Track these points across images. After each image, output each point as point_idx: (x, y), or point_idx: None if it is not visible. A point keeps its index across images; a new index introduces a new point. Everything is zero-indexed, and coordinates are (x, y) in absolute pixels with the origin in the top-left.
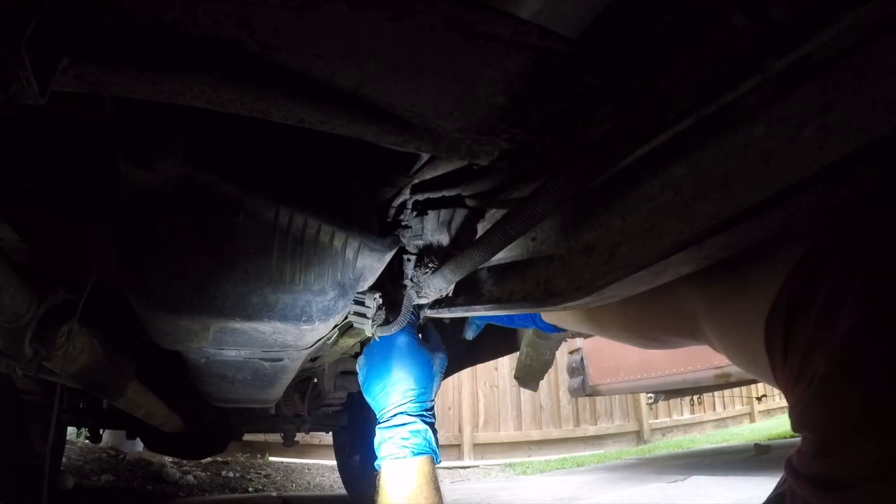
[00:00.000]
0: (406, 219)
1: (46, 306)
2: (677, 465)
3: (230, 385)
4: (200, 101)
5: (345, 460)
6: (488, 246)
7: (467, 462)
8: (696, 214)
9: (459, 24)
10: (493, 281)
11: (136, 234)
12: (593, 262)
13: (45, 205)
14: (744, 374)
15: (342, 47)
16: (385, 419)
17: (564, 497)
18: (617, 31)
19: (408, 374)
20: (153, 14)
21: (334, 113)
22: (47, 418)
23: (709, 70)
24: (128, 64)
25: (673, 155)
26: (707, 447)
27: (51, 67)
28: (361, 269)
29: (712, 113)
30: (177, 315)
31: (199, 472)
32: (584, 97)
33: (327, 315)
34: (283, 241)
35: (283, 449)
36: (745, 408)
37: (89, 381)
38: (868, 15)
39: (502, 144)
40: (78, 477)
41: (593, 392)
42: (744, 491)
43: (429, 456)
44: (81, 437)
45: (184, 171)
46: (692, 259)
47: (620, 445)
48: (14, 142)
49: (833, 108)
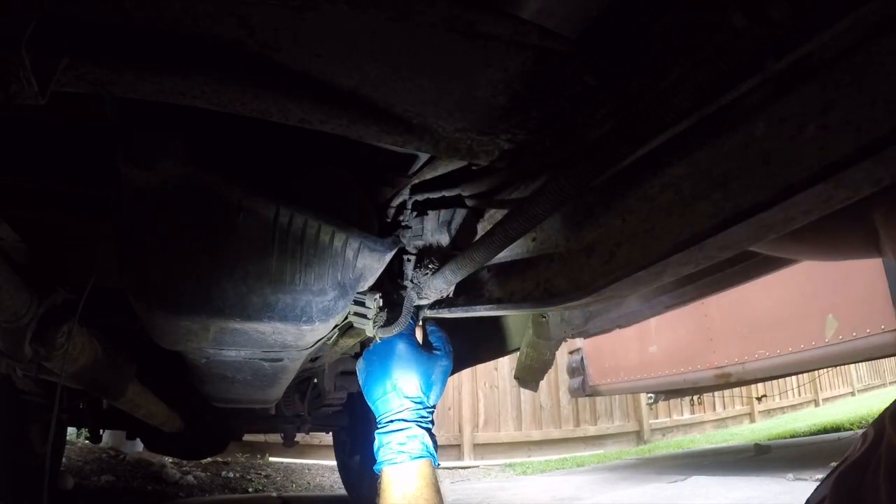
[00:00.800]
0: (406, 219)
1: (46, 306)
2: (677, 465)
3: (230, 385)
4: (200, 101)
5: (345, 460)
6: (489, 246)
7: (467, 462)
8: (696, 214)
9: (460, 24)
10: (493, 281)
11: (136, 234)
12: (593, 262)
13: (45, 205)
14: (744, 374)
15: (342, 47)
16: (383, 424)
17: (564, 497)
18: (617, 31)
19: (406, 379)
20: (153, 14)
21: (334, 113)
22: (47, 418)
23: (709, 70)
24: (128, 64)
25: (673, 155)
26: (707, 447)
27: (51, 67)
28: (361, 270)
29: (712, 113)
30: (177, 315)
31: (199, 473)
32: (584, 97)
33: (327, 315)
34: (283, 242)
35: (283, 449)
36: (745, 408)
37: (89, 381)
38: (868, 15)
39: (502, 144)
40: (78, 477)
41: (593, 392)
42: (744, 491)
43: (427, 459)
44: (81, 437)
45: (184, 171)
46: (692, 259)
47: (620, 445)
48: (14, 142)
49: (833, 108)
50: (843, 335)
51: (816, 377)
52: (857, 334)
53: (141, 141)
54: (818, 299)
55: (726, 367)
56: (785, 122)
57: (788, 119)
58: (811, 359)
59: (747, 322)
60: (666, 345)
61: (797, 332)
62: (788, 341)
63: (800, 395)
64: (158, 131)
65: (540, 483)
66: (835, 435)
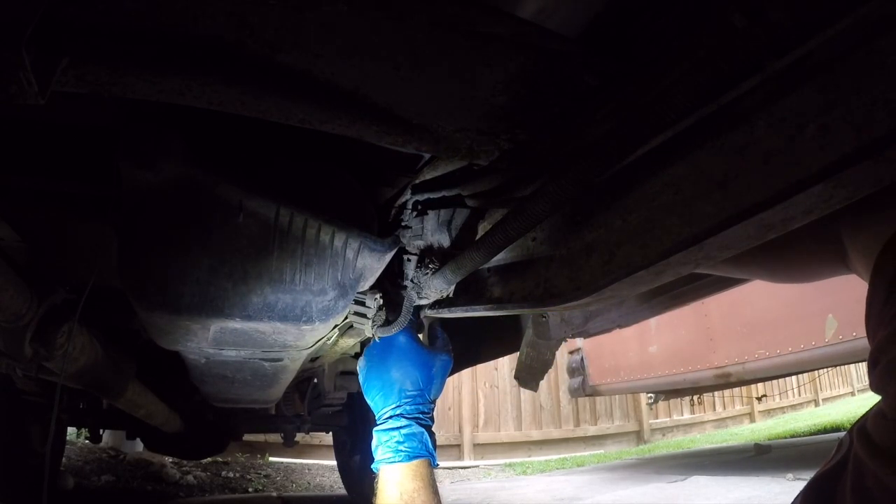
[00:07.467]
0: (406, 219)
1: (46, 306)
2: (677, 465)
3: (230, 385)
4: (201, 102)
5: (345, 460)
6: (489, 246)
7: (467, 462)
8: (696, 214)
9: (460, 24)
10: (493, 281)
11: (136, 234)
12: (593, 262)
13: (45, 205)
14: (744, 374)
15: (342, 47)
16: (382, 420)
17: (564, 497)
18: (617, 32)
19: (405, 375)
20: (153, 14)
21: (334, 113)
22: (47, 418)
23: (709, 70)
24: (128, 64)
25: (673, 155)
26: (707, 447)
27: (51, 67)
28: (361, 270)
29: (712, 113)
30: (177, 315)
31: (199, 473)
32: (584, 97)
33: (327, 315)
34: (283, 241)
35: (283, 449)
36: (745, 408)
37: (89, 381)
38: (868, 15)
39: (502, 144)
40: (78, 477)
41: (593, 392)
42: (744, 491)
43: (425, 459)
44: (81, 437)
45: (184, 171)
46: (692, 259)
47: (620, 445)
48: (14, 142)
49: (833, 108)
50: (843, 335)
51: (816, 377)
52: (857, 334)
53: (141, 141)
54: (818, 299)
55: (726, 367)
56: (785, 122)
57: (788, 119)
58: (811, 359)
59: (747, 322)
60: (666, 345)
61: (797, 332)
62: (788, 341)
63: (800, 395)
64: (158, 131)
65: (540, 483)
66: (835, 435)
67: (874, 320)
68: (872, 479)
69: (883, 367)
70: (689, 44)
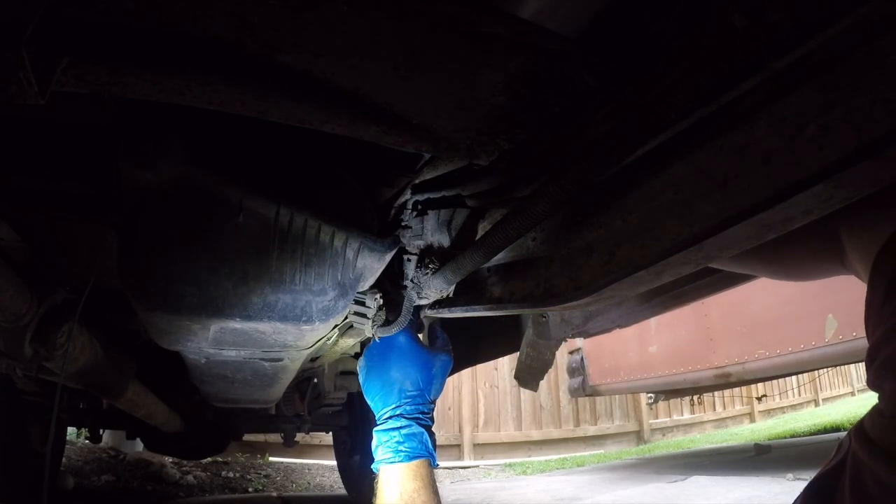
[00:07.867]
0: (406, 219)
1: (46, 306)
2: (677, 465)
3: (230, 385)
4: (201, 102)
5: (345, 460)
6: (489, 246)
7: (467, 462)
8: (696, 214)
9: (460, 24)
10: (493, 281)
11: (136, 234)
12: (593, 262)
13: (45, 205)
14: (744, 374)
15: (342, 47)
16: (382, 420)
17: (564, 497)
18: (617, 32)
19: (405, 375)
20: (153, 14)
21: (334, 113)
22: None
23: (709, 70)
24: (128, 64)
25: (673, 155)
26: (707, 447)
27: (51, 67)
28: (361, 270)
29: (712, 113)
30: (177, 315)
31: (199, 473)
32: (584, 97)
33: (327, 315)
34: (283, 241)
35: (283, 449)
36: (745, 408)
37: (89, 381)
38: (868, 15)
39: (502, 144)
40: (78, 477)
41: (593, 392)
42: (744, 491)
43: (425, 459)
44: (81, 437)
45: (184, 171)
46: (692, 259)
47: (620, 445)
48: (14, 142)
49: (833, 108)
50: (843, 335)
51: (816, 377)
52: (857, 334)
53: (141, 141)
54: (818, 299)
55: (726, 367)
56: (785, 122)
57: (788, 119)
58: (811, 359)
59: (747, 322)
60: (666, 345)
61: (797, 332)
62: (788, 341)
63: (800, 395)
64: (158, 131)
65: (540, 483)
66: (835, 435)
67: (873, 320)
68: (870, 476)
69: (879, 364)
70: (689, 44)
